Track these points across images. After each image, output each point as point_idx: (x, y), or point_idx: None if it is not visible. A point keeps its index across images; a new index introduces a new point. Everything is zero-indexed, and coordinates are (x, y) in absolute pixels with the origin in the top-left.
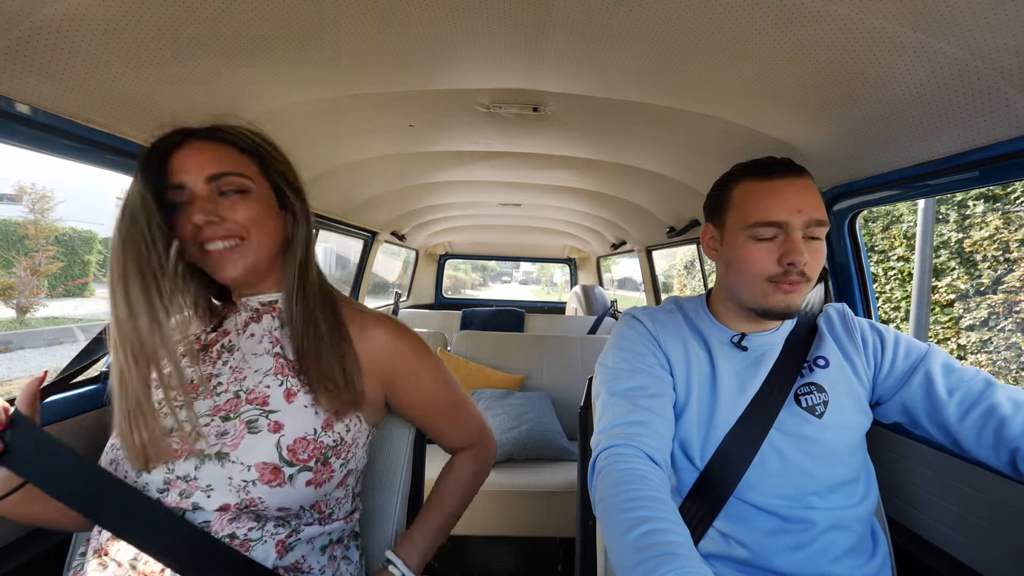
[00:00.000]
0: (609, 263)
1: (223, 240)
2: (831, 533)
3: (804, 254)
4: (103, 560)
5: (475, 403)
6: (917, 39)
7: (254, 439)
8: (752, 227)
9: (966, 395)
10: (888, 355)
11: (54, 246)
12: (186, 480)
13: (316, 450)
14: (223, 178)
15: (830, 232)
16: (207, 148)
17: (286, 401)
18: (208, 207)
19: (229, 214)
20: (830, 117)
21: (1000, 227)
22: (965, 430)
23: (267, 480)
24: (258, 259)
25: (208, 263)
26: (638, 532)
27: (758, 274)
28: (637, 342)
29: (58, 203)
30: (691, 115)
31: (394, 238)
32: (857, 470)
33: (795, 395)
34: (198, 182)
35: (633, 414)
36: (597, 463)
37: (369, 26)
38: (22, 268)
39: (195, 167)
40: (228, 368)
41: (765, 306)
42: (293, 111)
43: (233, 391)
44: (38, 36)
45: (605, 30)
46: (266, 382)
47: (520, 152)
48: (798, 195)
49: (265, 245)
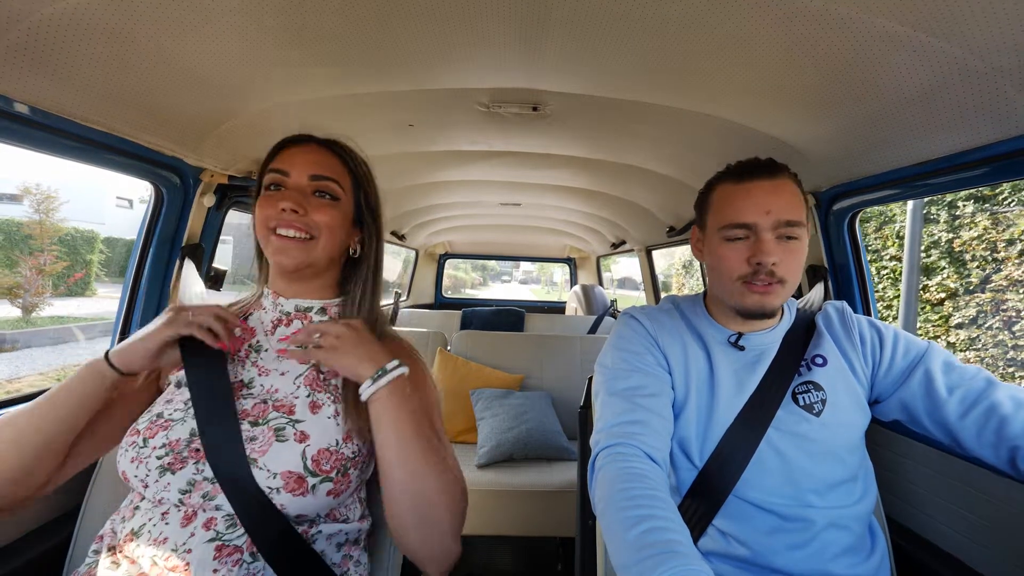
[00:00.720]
0: (609, 263)
1: (296, 230)
2: (829, 531)
3: (771, 254)
4: (116, 559)
5: (455, 454)
6: (917, 38)
7: (281, 447)
8: (724, 228)
9: (967, 393)
10: (887, 353)
11: (57, 246)
12: (212, 482)
13: (337, 461)
14: (322, 181)
15: (829, 232)
16: (318, 152)
17: (311, 412)
18: (299, 199)
19: (313, 211)
20: (830, 116)
21: (988, 227)
22: (966, 428)
23: (291, 489)
24: (317, 260)
25: (272, 245)
26: (638, 530)
27: (731, 275)
28: (635, 342)
29: (62, 203)
30: (691, 114)
31: (394, 238)
32: (855, 468)
33: (793, 394)
34: (302, 175)
35: (632, 413)
36: (596, 462)
37: (369, 25)
38: (28, 267)
39: (303, 163)
40: (256, 369)
41: (740, 306)
42: (292, 110)
43: (261, 397)
44: (37, 36)
45: (605, 29)
46: (293, 391)
47: (520, 151)
48: (768, 197)
49: (328, 250)
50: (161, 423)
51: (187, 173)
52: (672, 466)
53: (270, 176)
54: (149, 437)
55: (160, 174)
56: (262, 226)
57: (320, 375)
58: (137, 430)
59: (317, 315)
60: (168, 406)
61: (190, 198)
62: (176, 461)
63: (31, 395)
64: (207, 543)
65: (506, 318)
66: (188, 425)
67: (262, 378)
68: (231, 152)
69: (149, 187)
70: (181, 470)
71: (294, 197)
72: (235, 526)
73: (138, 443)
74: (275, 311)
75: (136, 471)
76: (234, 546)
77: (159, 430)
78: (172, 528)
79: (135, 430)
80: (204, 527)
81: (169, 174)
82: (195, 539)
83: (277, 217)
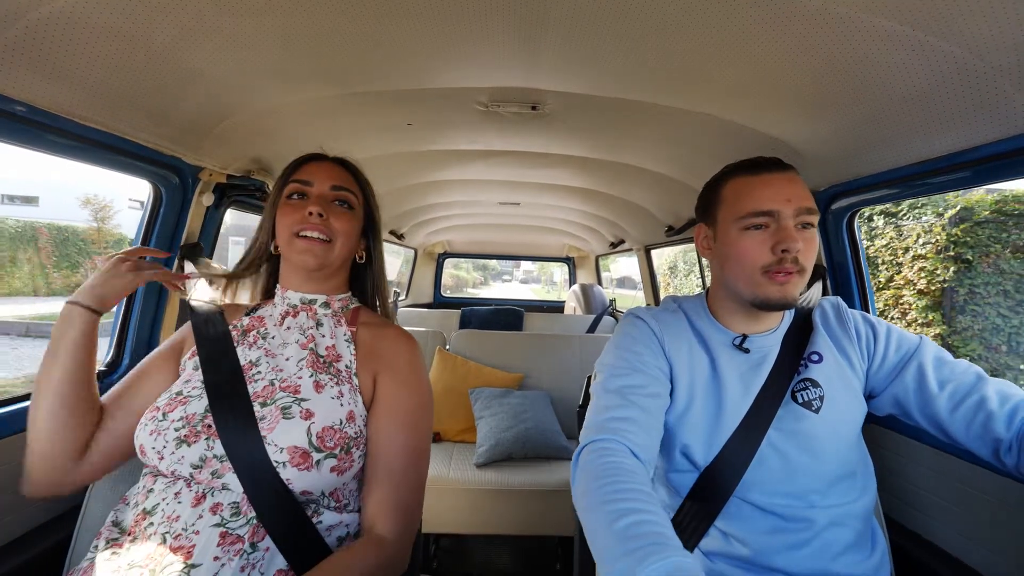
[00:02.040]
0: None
1: (320, 232)
2: (831, 530)
3: (798, 241)
4: (116, 550)
5: (425, 483)
6: (916, 37)
7: (288, 424)
8: (745, 218)
9: (957, 388)
10: (880, 347)
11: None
12: (221, 460)
13: (341, 439)
14: (342, 191)
15: (828, 231)
16: (335, 167)
17: (315, 391)
18: (324, 206)
19: (333, 218)
20: (829, 115)
21: (893, 237)
22: (956, 422)
23: (296, 463)
24: (333, 261)
25: (295, 246)
26: (625, 522)
27: (753, 264)
28: (638, 342)
29: (116, 212)
30: (690, 114)
31: (392, 237)
32: (855, 464)
33: (791, 392)
34: (324, 185)
35: (622, 409)
36: (581, 456)
37: (367, 24)
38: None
39: (325, 175)
40: (263, 352)
41: (762, 297)
42: (291, 109)
43: (269, 379)
44: (36, 34)
45: (603, 28)
46: (298, 373)
47: (519, 151)
48: (787, 186)
49: (343, 254)
50: (180, 399)
51: (186, 172)
52: (673, 469)
53: (293, 186)
54: (168, 412)
55: (159, 173)
56: (286, 230)
57: (320, 358)
58: (157, 407)
59: (321, 308)
60: (186, 385)
61: (189, 197)
62: (191, 434)
63: (31, 395)
64: (213, 527)
65: (505, 317)
66: (204, 402)
67: (269, 359)
68: (230, 151)
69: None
70: (195, 443)
71: (320, 203)
72: (239, 514)
73: (157, 417)
74: (283, 304)
75: (155, 443)
76: (236, 535)
77: (178, 405)
78: (184, 507)
79: (155, 407)
80: (211, 511)
81: (168, 173)
82: (203, 521)
83: (303, 221)
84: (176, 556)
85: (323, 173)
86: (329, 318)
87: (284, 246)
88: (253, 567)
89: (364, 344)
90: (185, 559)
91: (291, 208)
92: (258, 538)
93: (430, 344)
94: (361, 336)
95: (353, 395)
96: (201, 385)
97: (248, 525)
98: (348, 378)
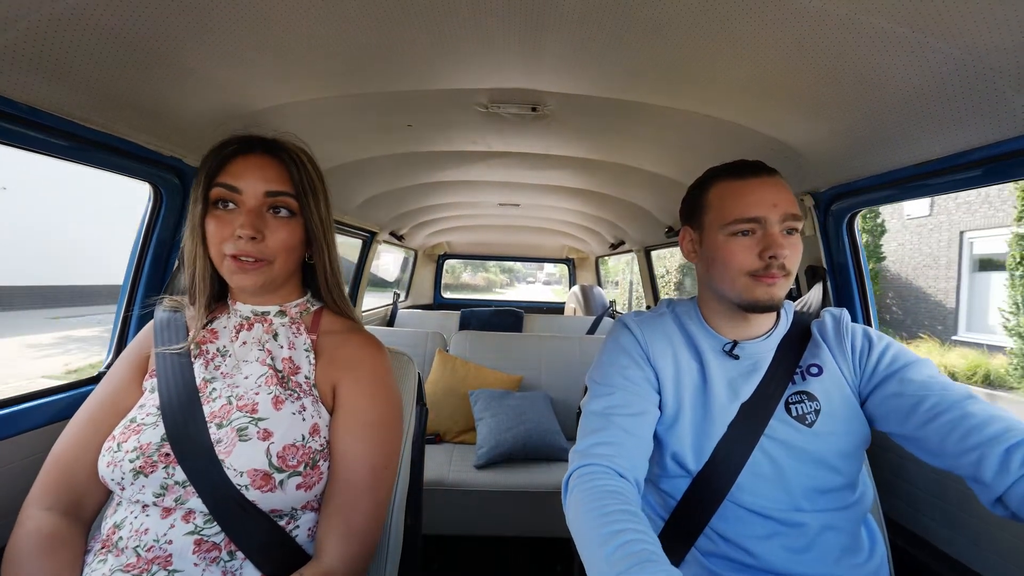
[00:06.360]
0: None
1: (255, 256)
2: (825, 534)
3: (784, 247)
4: (104, 556)
5: (388, 501)
6: (915, 38)
7: (245, 446)
8: (731, 224)
9: (939, 402)
10: (872, 361)
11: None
12: (183, 486)
13: (305, 455)
14: (279, 196)
15: (828, 232)
16: (270, 164)
17: (274, 408)
18: (256, 223)
19: (270, 234)
20: (828, 116)
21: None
22: (928, 437)
23: (258, 486)
24: (275, 278)
25: (228, 268)
26: (615, 544)
27: (740, 269)
28: (622, 354)
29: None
30: (690, 115)
31: (392, 238)
32: (851, 476)
33: (786, 403)
34: (256, 192)
35: (605, 433)
36: (570, 482)
37: (367, 25)
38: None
39: (256, 178)
40: (220, 373)
41: (748, 299)
42: (291, 111)
43: (225, 397)
44: (36, 35)
45: (603, 29)
46: (255, 390)
47: (519, 152)
48: (772, 191)
49: (286, 269)
50: (133, 428)
51: (186, 173)
52: (666, 475)
53: (218, 191)
54: (122, 442)
55: (159, 174)
56: (215, 247)
57: (278, 373)
58: (113, 436)
59: (276, 317)
60: (140, 411)
61: (189, 198)
62: (147, 464)
63: (31, 395)
64: (187, 535)
65: (505, 318)
66: (159, 430)
67: (225, 379)
68: None
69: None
70: (152, 473)
71: (251, 222)
72: (212, 522)
73: (112, 448)
74: (235, 316)
75: (112, 474)
76: (212, 543)
77: (131, 435)
78: (153, 520)
79: (112, 436)
80: (184, 520)
81: (168, 174)
82: (175, 531)
83: (233, 242)
84: (156, 565)
85: (253, 174)
86: (287, 327)
87: (216, 263)
88: (232, 575)
89: (325, 352)
90: (164, 566)
91: (218, 221)
92: (234, 547)
93: (430, 345)
94: (322, 344)
95: (316, 407)
96: (156, 411)
97: (223, 534)
98: (308, 390)
